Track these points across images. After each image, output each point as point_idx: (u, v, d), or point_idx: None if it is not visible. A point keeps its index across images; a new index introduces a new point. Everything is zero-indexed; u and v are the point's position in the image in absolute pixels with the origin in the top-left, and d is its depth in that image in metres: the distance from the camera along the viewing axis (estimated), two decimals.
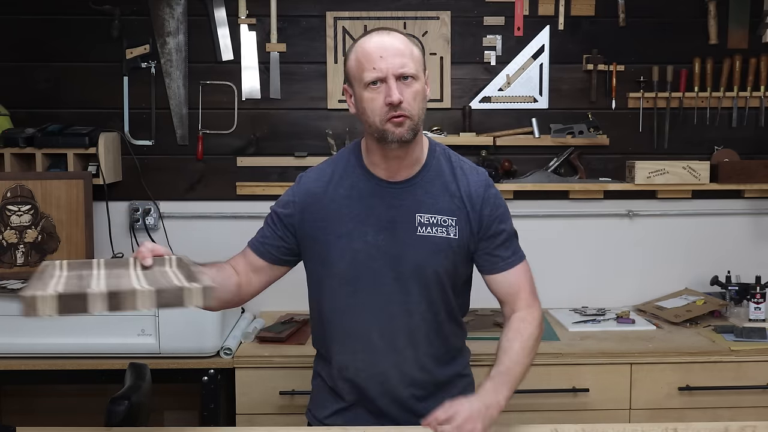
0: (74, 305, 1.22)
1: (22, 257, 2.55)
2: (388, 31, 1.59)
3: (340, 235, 1.63)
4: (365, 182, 1.65)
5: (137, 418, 1.67)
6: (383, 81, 1.52)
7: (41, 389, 2.79)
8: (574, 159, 2.88)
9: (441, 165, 1.67)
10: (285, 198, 1.73)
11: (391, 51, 1.52)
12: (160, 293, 1.28)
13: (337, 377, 1.75)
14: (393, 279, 1.64)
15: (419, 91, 1.55)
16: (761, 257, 2.96)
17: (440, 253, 1.63)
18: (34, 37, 2.87)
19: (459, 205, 1.64)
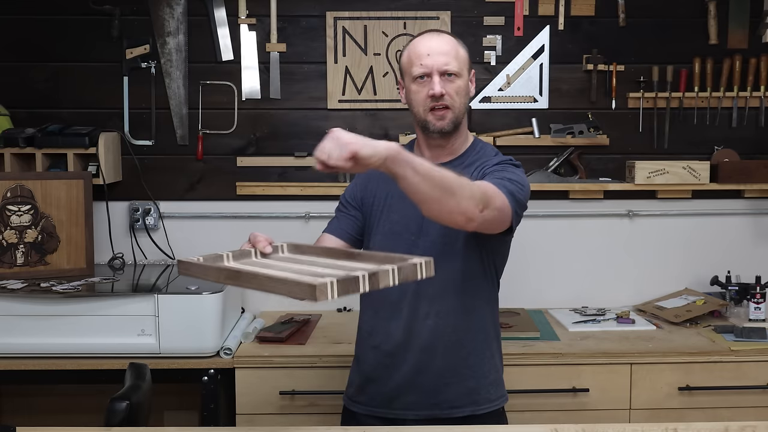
0: (349, 288, 1.26)
1: (22, 257, 2.55)
2: (439, 33, 1.79)
3: (383, 209, 1.83)
4: None
5: (137, 418, 1.67)
6: (429, 76, 1.72)
7: (41, 389, 2.79)
8: (574, 159, 2.88)
9: (480, 154, 1.83)
10: (350, 185, 1.95)
11: (437, 50, 1.72)
12: (401, 270, 1.31)
13: (365, 349, 1.89)
14: (422, 249, 1.74)
15: (461, 87, 1.75)
16: (761, 257, 2.96)
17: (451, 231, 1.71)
18: (34, 37, 2.87)
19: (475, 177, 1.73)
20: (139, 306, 2.34)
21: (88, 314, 2.35)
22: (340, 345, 2.48)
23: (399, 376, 1.83)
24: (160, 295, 2.35)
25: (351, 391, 1.95)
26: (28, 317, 2.35)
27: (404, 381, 1.83)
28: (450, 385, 1.83)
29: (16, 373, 2.35)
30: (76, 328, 2.35)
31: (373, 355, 1.87)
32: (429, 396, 1.83)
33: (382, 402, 1.85)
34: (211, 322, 2.36)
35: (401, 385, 1.83)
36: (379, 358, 1.86)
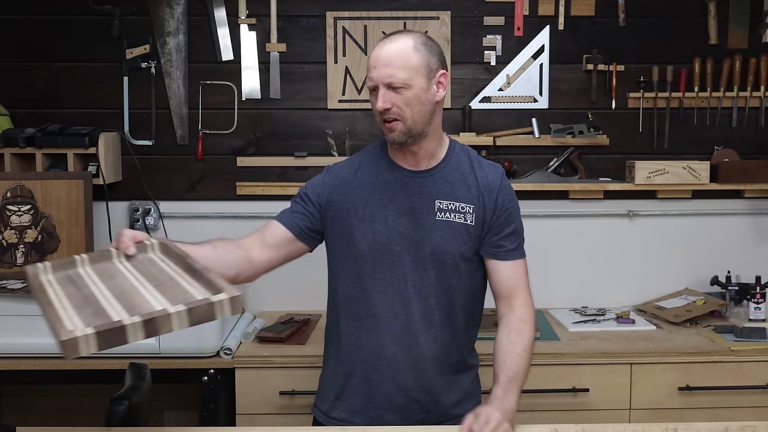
0: (114, 340, 1.20)
1: (22, 257, 2.55)
2: (396, 36, 1.67)
3: (363, 218, 1.72)
4: (389, 171, 1.75)
5: (137, 418, 1.67)
6: (377, 89, 1.65)
7: (41, 389, 2.79)
8: (574, 159, 2.88)
9: (460, 159, 1.77)
10: (315, 181, 1.82)
11: (384, 61, 1.63)
12: (191, 312, 1.25)
13: (345, 361, 1.79)
14: (411, 262, 1.71)
15: (411, 98, 1.63)
16: (761, 257, 2.96)
17: (458, 238, 1.71)
18: (35, 37, 2.87)
19: (476, 195, 1.73)
20: None
21: None
22: None
23: (382, 394, 1.76)
24: None
25: (323, 405, 1.85)
26: (28, 317, 2.35)
27: (388, 400, 1.76)
28: (437, 404, 1.78)
29: (16, 373, 2.35)
30: None
31: (360, 368, 1.77)
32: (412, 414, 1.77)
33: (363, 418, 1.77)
34: (211, 322, 2.35)
35: (384, 404, 1.76)
36: (365, 372, 1.77)
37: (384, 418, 1.76)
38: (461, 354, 1.81)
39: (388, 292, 1.72)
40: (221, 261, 1.65)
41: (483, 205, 1.73)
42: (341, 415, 1.80)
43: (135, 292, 1.36)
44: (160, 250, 1.55)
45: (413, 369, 1.74)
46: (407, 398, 1.76)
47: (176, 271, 1.45)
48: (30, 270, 1.48)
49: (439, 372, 1.77)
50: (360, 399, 1.78)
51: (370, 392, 1.77)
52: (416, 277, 1.72)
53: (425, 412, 1.77)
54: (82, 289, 1.40)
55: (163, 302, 1.28)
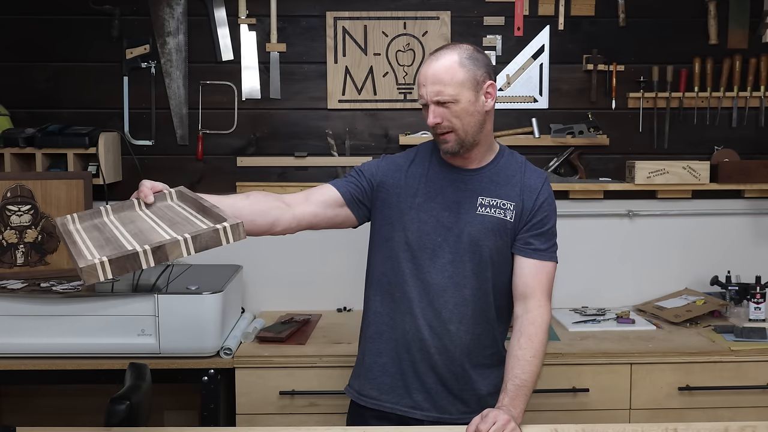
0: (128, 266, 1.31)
1: (22, 257, 2.55)
2: (442, 52, 1.75)
3: (411, 206, 1.81)
4: (440, 166, 1.84)
5: (137, 418, 1.67)
6: (427, 105, 1.75)
7: (41, 389, 2.79)
8: (574, 159, 2.88)
9: (509, 162, 1.87)
10: (370, 162, 1.90)
11: (432, 78, 1.72)
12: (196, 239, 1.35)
13: (378, 339, 1.85)
14: (450, 253, 1.78)
15: (460, 111, 1.73)
16: (761, 257, 2.96)
17: (495, 232, 1.78)
18: (34, 37, 2.87)
19: (518, 194, 1.81)
20: (139, 306, 2.34)
21: (88, 314, 2.35)
22: (340, 345, 2.48)
23: (413, 372, 1.83)
24: (160, 295, 2.35)
25: (356, 383, 1.92)
26: (28, 317, 2.35)
27: (418, 379, 1.82)
28: (463, 393, 1.83)
29: (16, 373, 2.35)
30: (76, 328, 2.35)
31: (392, 348, 1.84)
32: (440, 398, 1.82)
33: (392, 397, 1.84)
34: (211, 322, 2.36)
35: (414, 382, 1.83)
36: (396, 351, 1.83)
37: (412, 398, 1.82)
38: (496, 347, 1.87)
39: (425, 279, 1.79)
40: (253, 208, 1.72)
41: (522, 204, 1.80)
42: (370, 392, 1.87)
43: (152, 231, 1.47)
44: (178, 197, 1.68)
45: (442, 355, 1.81)
46: (436, 380, 1.82)
47: (190, 212, 1.58)
48: (59, 220, 1.61)
49: (471, 362, 1.83)
50: (390, 378, 1.84)
51: (401, 371, 1.83)
52: (454, 268, 1.79)
53: (452, 397, 1.83)
54: (105, 233, 1.52)
55: (174, 235, 1.40)
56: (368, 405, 1.87)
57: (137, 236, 1.44)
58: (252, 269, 2.88)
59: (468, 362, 1.82)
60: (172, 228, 1.47)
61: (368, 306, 1.90)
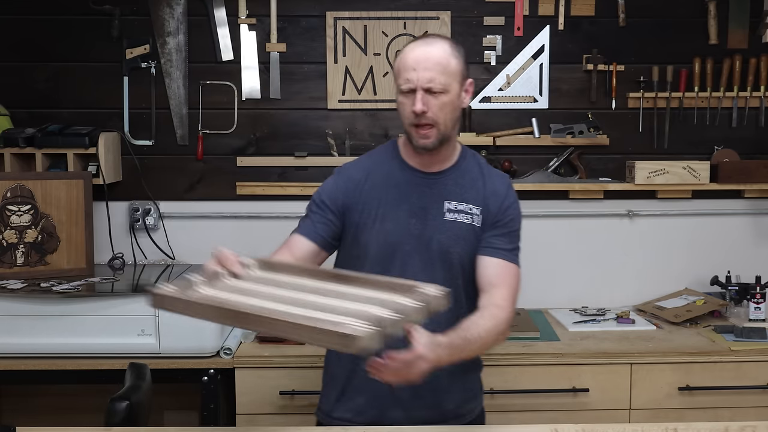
0: (386, 335, 1.22)
1: (22, 257, 2.55)
2: (433, 40, 1.68)
3: (376, 217, 1.74)
4: (401, 171, 1.77)
5: (137, 418, 1.67)
6: (414, 91, 1.64)
7: (41, 389, 2.79)
8: (574, 159, 2.88)
9: (471, 165, 1.80)
10: (328, 186, 1.81)
11: (424, 64, 1.63)
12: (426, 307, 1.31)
13: (347, 359, 1.77)
14: (420, 261, 1.73)
15: (447, 103, 1.66)
16: (761, 257, 2.96)
17: (465, 238, 1.74)
18: (34, 37, 2.87)
19: (483, 198, 1.76)
20: (139, 306, 2.34)
21: (88, 314, 2.35)
22: None
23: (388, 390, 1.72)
24: None
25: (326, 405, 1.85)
26: (28, 317, 2.35)
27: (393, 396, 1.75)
28: (441, 404, 1.79)
29: (16, 373, 2.35)
30: (76, 328, 2.35)
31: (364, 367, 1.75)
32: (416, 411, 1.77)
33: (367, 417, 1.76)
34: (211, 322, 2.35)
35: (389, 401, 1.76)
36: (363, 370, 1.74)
37: (387, 415, 1.76)
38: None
39: None
40: None
41: (488, 209, 1.76)
42: (344, 415, 1.80)
43: (319, 301, 1.35)
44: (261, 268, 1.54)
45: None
46: (412, 394, 1.75)
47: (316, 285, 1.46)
48: (179, 287, 1.42)
49: (445, 371, 1.72)
50: (363, 397, 1.78)
51: (374, 389, 1.74)
52: (425, 277, 1.67)
53: (429, 410, 1.77)
54: (255, 297, 1.38)
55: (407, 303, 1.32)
56: (341, 424, 1.80)
57: (306, 306, 1.31)
58: None
59: (443, 371, 1.70)
60: (332, 300, 1.35)
61: None
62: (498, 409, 2.37)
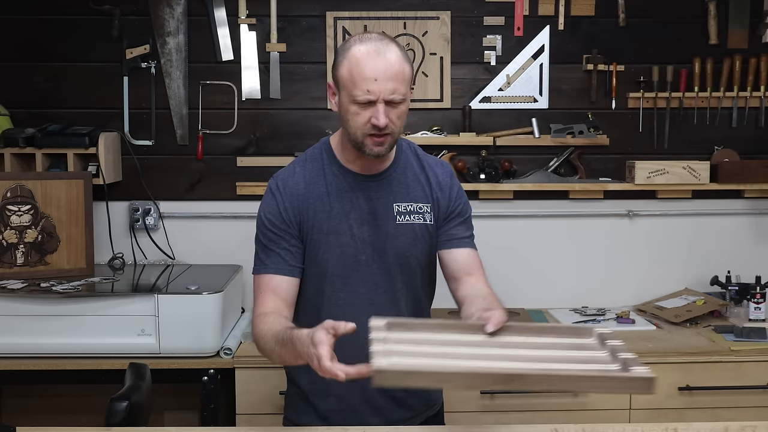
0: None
1: (22, 257, 2.55)
2: (385, 45, 1.57)
3: (328, 231, 1.67)
4: (342, 178, 1.70)
5: (137, 418, 1.67)
6: (374, 103, 1.55)
7: (41, 389, 2.79)
8: (574, 159, 2.88)
9: (409, 159, 1.75)
10: (272, 209, 1.69)
11: (385, 74, 1.54)
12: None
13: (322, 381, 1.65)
14: (378, 269, 1.70)
15: (404, 112, 1.60)
16: (761, 257, 2.96)
17: (420, 240, 1.71)
18: (34, 37, 2.87)
19: (429, 193, 1.73)
20: (139, 306, 2.34)
21: (88, 314, 2.35)
22: None
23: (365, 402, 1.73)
24: (160, 295, 2.35)
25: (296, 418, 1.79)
26: (28, 317, 2.35)
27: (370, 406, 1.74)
28: (409, 399, 1.78)
29: (16, 373, 2.35)
30: (76, 328, 2.35)
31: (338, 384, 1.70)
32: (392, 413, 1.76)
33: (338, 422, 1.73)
34: (211, 322, 2.36)
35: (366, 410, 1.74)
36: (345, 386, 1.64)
37: (363, 419, 1.72)
38: None
39: (360, 302, 1.68)
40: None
41: (438, 203, 1.73)
42: (317, 422, 1.75)
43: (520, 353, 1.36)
44: (389, 329, 1.44)
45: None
46: (389, 399, 1.74)
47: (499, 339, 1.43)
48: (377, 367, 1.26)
49: None
50: (340, 416, 1.73)
51: (351, 404, 1.73)
52: (385, 283, 1.70)
53: (402, 408, 1.76)
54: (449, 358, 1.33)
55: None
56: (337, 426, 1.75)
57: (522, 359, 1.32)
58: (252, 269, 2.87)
59: None
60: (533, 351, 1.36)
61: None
62: (498, 409, 2.38)
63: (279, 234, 1.67)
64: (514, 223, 2.95)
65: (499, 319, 1.45)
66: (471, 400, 2.38)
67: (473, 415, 2.37)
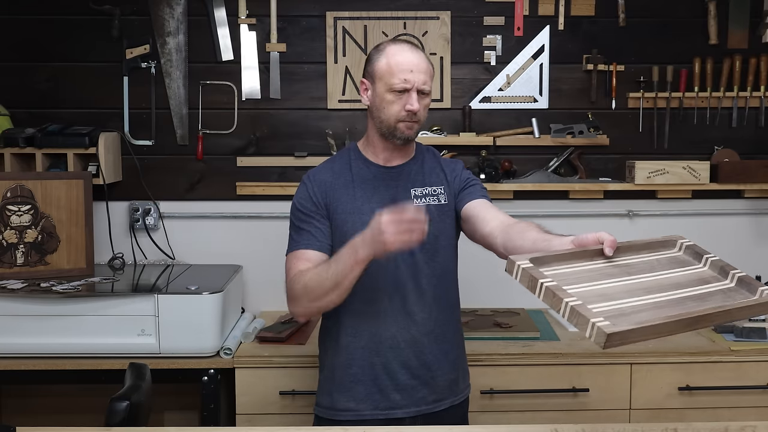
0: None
1: (22, 257, 2.55)
2: (414, 46, 1.86)
3: (352, 211, 1.85)
4: (366, 169, 1.90)
5: (137, 418, 1.67)
6: (407, 91, 1.80)
7: (41, 389, 2.79)
8: (574, 159, 2.88)
9: (428, 157, 1.98)
10: (304, 195, 1.89)
11: (419, 68, 1.80)
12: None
13: (344, 353, 1.88)
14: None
15: (428, 103, 1.87)
16: (761, 257, 2.96)
17: (437, 218, 1.86)
18: (34, 37, 2.87)
19: (443, 178, 1.93)
20: (139, 306, 2.34)
21: (88, 314, 2.35)
22: None
23: (386, 374, 1.87)
24: (160, 295, 2.35)
25: (327, 400, 1.93)
26: (28, 317, 2.35)
27: (391, 379, 1.87)
28: (435, 379, 1.90)
29: (16, 373, 2.35)
30: (76, 328, 2.35)
31: (360, 355, 1.88)
32: (415, 391, 1.88)
33: (369, 404, 1.88)
34: (211, 322, 2.36)
35: (388, 384, 1.87)
36: (366, 358, 1.87)
37: (390, 399, 1.86)
38: (452, 329, 1.94)
39: (383, 278, 1.83)
40: None
41: (450, 184, 1.92)
42: (347, 404, 1.89)
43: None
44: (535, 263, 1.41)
45: (412, 347, 1.86)
46: (410, 375, 1.87)
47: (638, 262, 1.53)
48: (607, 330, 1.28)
49: (437, 347, 1.89)
50: (363, 386, 1.87)
51: (373, 376, 1.87)
52: (405, 261, 1.84)
53: (427, 387, 1.88)
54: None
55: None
56: (345, 418, 1.88)
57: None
58: (252, 269, 2.88)
59: (435, 346, 1.89)
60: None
61: (328, 324, 1.93)
62: (498, 409, 2.38)
63: (309, 214, 1.86)
64: None
65: (611, 239, 1.48)
66: (471, 400, 2.37)
67: (473, 415, 2.36)
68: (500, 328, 2.59)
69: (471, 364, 2.09)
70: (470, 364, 2.08)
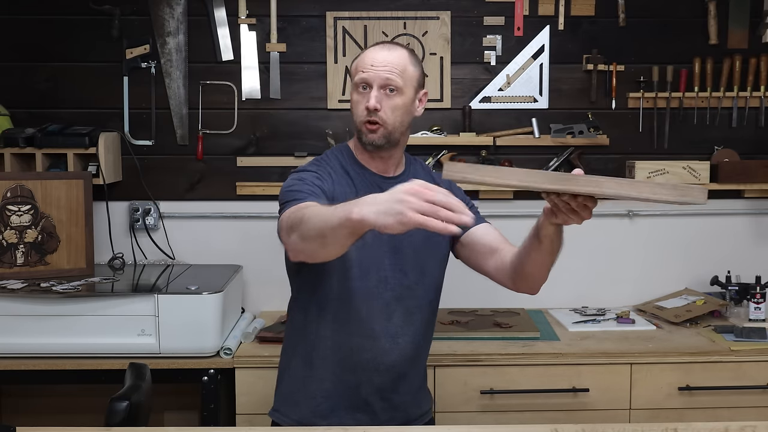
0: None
1: (22, 257, 2.55)
2: (393, 46, 1.74)
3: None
4: (363, 176, 1.78)
5: (137, 418, 1.67)
6: (369, 86, 1.68)
7: (41, 389, 2.79)
8: (575, 159, 2.88)
9: (418, 169, 1.88)
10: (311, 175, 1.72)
11: (382, 62, 1.67)
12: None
13: (320, 364, 1.79)
14: (390, 265, 1.76)
15: (400, 105, 1.69)
16: (761, 257, 2.96)
17: (433, 236, 1.71)
18: (34, 37, 2.87)
19: None
20: (139, 306, 2.34)
21: (88, 314, 2.35)
22: None
23: (358, 394, 1.79)
24: (160, 295, 2.35)
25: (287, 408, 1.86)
26: (28, 317, 2.35)
27: (362, 400, 1.79)
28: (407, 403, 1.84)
29: (16, 373, 2.35)
30: (76, 328, 2.35)
31: (333, 372, 1.79)
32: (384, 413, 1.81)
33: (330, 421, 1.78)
34: (211, 322, 2.36)
35: (359, 403, 1.80)
36: (339, 375, 1.79)
37: (355, 417, 1.78)
38: (425, 351, 1.90)
39: (372, 295, 1.75)
40: None
41: None
42: (312, 419, 1.79)
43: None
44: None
45: (390, 371, 1.78)
46: (380, 397, 1.79)
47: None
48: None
49: (413, 372, 1.84)
50: (332, 402, 1.79)
51: (346, 393, 1.78)
52: (396, 281, 1.76)
53: (394, 411, 1.82)
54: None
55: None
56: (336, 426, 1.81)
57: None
58: (252, 269, 2.88)
59: (411, 372, 1.83)
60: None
61: (302, 329, 1.82)
62: (498, 409, 2.38)
63: (315, 185, 1.68)
64: (514, 223, 2.92)
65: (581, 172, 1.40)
66: (471, 400, 2.38)
67: (473, 415, 2.37)
68: (500, 328, 2.59)
69: (471, 364, 2.09)
70: (470, 363, 2.08)
